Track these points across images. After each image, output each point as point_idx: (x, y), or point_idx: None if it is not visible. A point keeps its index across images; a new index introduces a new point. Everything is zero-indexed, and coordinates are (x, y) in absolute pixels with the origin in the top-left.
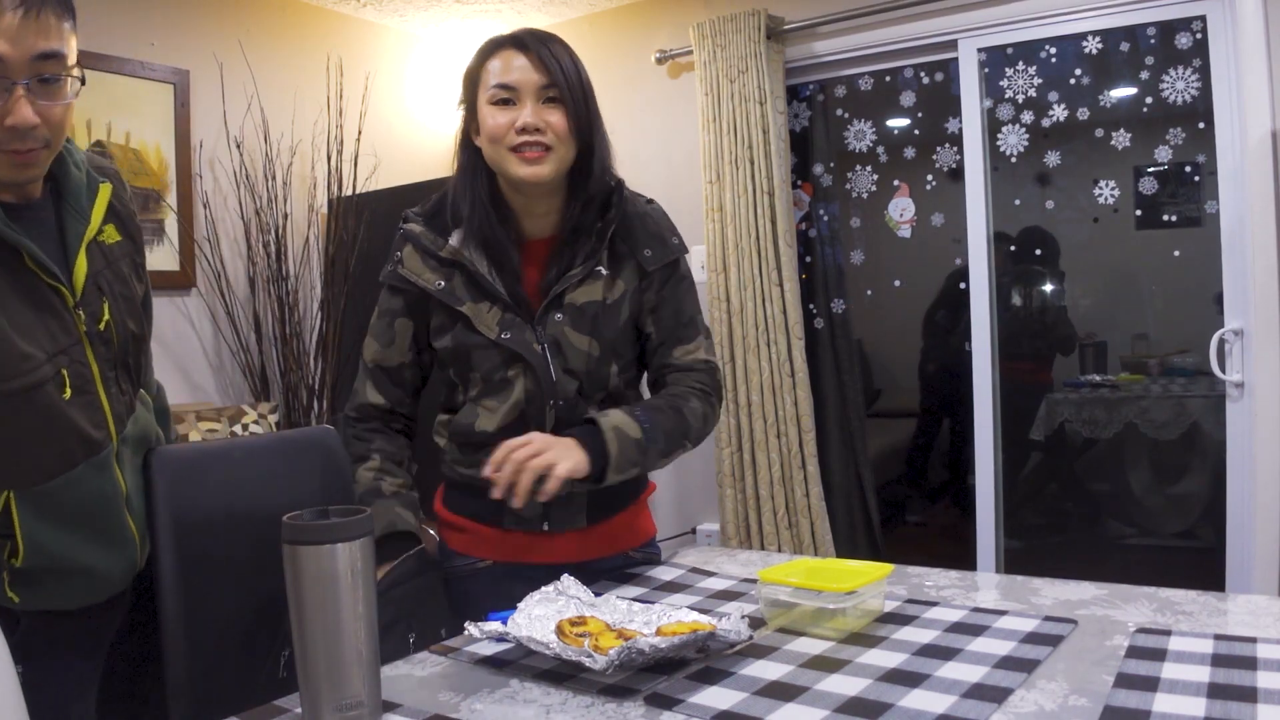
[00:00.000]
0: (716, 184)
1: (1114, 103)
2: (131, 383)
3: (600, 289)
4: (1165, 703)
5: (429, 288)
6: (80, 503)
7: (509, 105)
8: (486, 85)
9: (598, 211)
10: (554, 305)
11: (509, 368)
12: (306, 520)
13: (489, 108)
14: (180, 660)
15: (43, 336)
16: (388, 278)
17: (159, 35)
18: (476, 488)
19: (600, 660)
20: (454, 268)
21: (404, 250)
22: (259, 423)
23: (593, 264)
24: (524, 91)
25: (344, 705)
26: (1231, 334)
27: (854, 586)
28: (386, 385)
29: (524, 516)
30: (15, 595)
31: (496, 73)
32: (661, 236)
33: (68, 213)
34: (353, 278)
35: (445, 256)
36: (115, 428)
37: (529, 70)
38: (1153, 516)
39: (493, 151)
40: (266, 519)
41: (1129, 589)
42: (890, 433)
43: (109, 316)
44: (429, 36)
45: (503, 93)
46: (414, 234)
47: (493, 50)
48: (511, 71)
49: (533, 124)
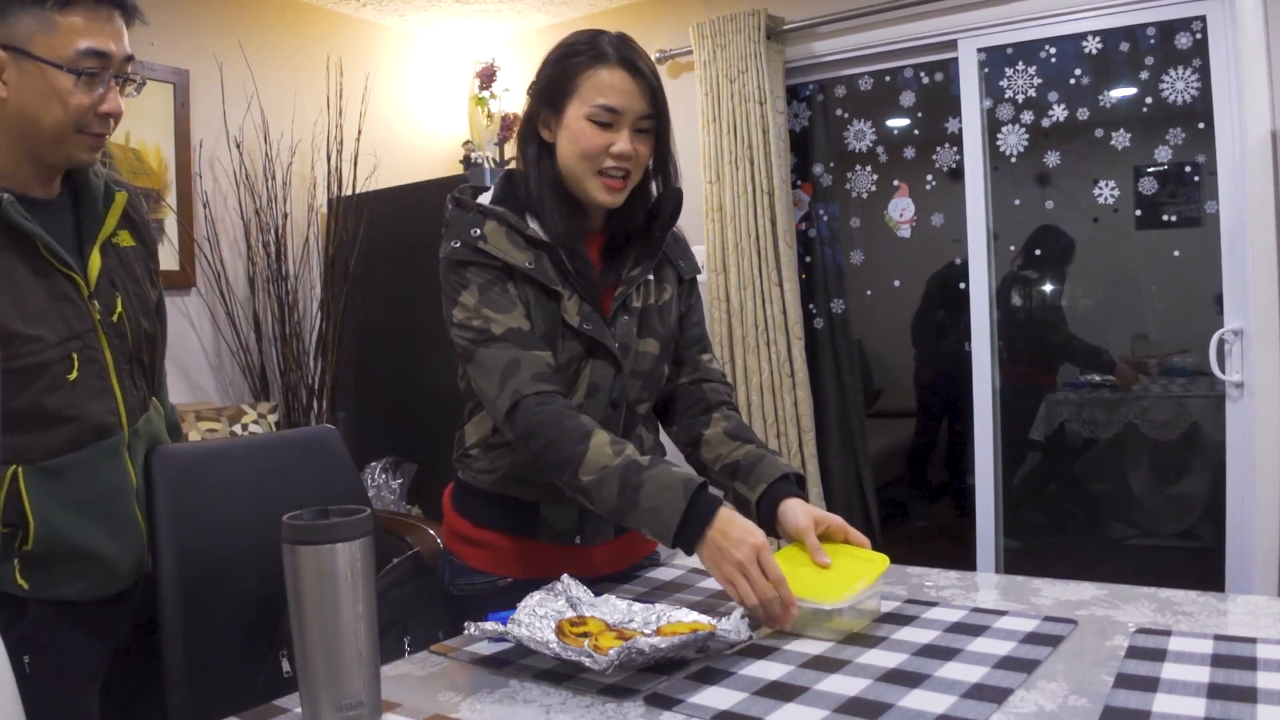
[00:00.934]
0: (716, 184)
1: (1114, 103)
2: (146, 380)
3: (655, 292)
4: (1165, 703)
5: (519, 265)
6: (89, 485)
7: (607, 128)
8: (587, 98)
9: (649, 214)
10: (622, 309)
11: (584, 360)
12: (306, 520)
13: (586, 123)
14: (180, 660)
15: (56, 322)
16: (459, 254)
17: (159, 35)
18: (507, 497)
19: (600, 660)
20: (541, 249)
21: (485, 226)
22: (259, 423)
23: (650, 265)
24: (625, 117)
25: (344, 705)
26: (1231, 334)
27: (849, 592)
28: (535, 343)
29: (558, 529)
30: (24, 582)
31: (602, 90)
32: (687, 251)
33: (84, 213)
34: (353, 277)
35: (531, 236)
36: (127, 418)
37: (635, 97)
38: (1153, 516)
39: (577, 166)
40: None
41: (1129, 589)
42: (890, 433)
43: (122, 310)
44: (429, 36)
45: (606, 114)
46: (497, 211)
47: (598, 60)
48: (619, 95)
49: (628, 152)
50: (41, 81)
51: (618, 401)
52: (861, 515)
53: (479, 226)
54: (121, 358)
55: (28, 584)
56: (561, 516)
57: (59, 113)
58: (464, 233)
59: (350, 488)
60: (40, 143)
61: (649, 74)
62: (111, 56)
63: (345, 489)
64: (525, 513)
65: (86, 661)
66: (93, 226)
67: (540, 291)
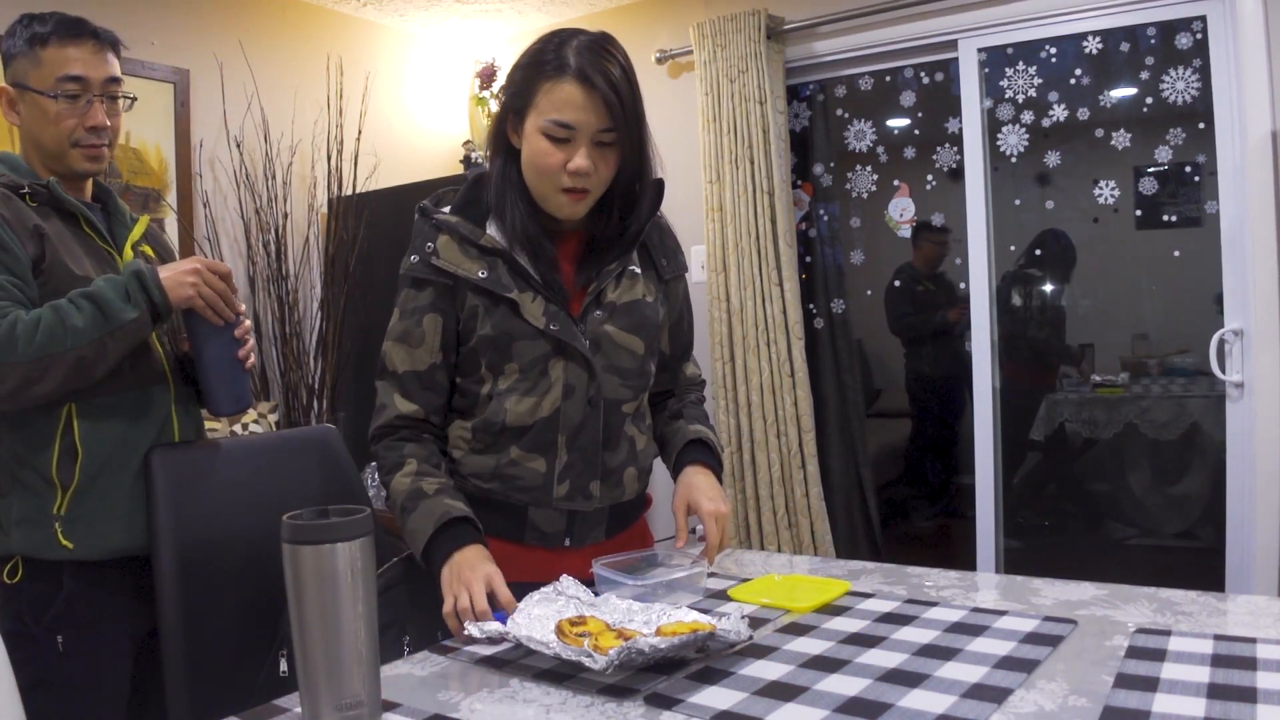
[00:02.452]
0: (716, 184)
1: (1114, 103)
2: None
3: (640, 288)
4: (1165, 703)
5: (471, 276)
6: (136, 428)
7: (564, 143)
8: (543, 111)
9: (627, 209)
10: (595, 303)
11: (550, 360)
12: (306, 520)
13: (541, 138)
14: (180, 660)
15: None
16: (414, 270)
17: (159, 35)
18: (494, 501)
19: (600, 660)
20: (496, 256)
21: (438, 240)
22: (259, 422)
23: (626, 261)
24: (581, 132)
25: (344, 705)
26: (1231, 334)
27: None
28: (416, 390)
29: (546, 532)
30: (68, 542)
31: (556, 105)
32: (675, 250)
33: (115, 221)
34: (353, 277)
35: (486, 245)
36: (172, 374)
37: (591, 112)
38: (1153, 517)
39: (537, 182)
40: (266, 518)
41: (1129, 589)
42: (890, 433)
43: None
44: (429, 36)
45: (561, 131)
46: (450, 223)
47: (554, 74)
48: (573, 110)
49: (585, 169)
50: (37, 108)
51: (595, 400)
52: (862, 515)
53: (433, 240)
54: (161, 329)
55: (71, 543)
56: (549, 520)
57: (53, 132)
58: (420, 247)
59: (350, 488)
60: (48, 158)
61: (606, 87)
62: (88, 80)
63: (345, 489)
64: (512, 517)
65: (117, 640)
66: (123, 231)
67: (490, 299)
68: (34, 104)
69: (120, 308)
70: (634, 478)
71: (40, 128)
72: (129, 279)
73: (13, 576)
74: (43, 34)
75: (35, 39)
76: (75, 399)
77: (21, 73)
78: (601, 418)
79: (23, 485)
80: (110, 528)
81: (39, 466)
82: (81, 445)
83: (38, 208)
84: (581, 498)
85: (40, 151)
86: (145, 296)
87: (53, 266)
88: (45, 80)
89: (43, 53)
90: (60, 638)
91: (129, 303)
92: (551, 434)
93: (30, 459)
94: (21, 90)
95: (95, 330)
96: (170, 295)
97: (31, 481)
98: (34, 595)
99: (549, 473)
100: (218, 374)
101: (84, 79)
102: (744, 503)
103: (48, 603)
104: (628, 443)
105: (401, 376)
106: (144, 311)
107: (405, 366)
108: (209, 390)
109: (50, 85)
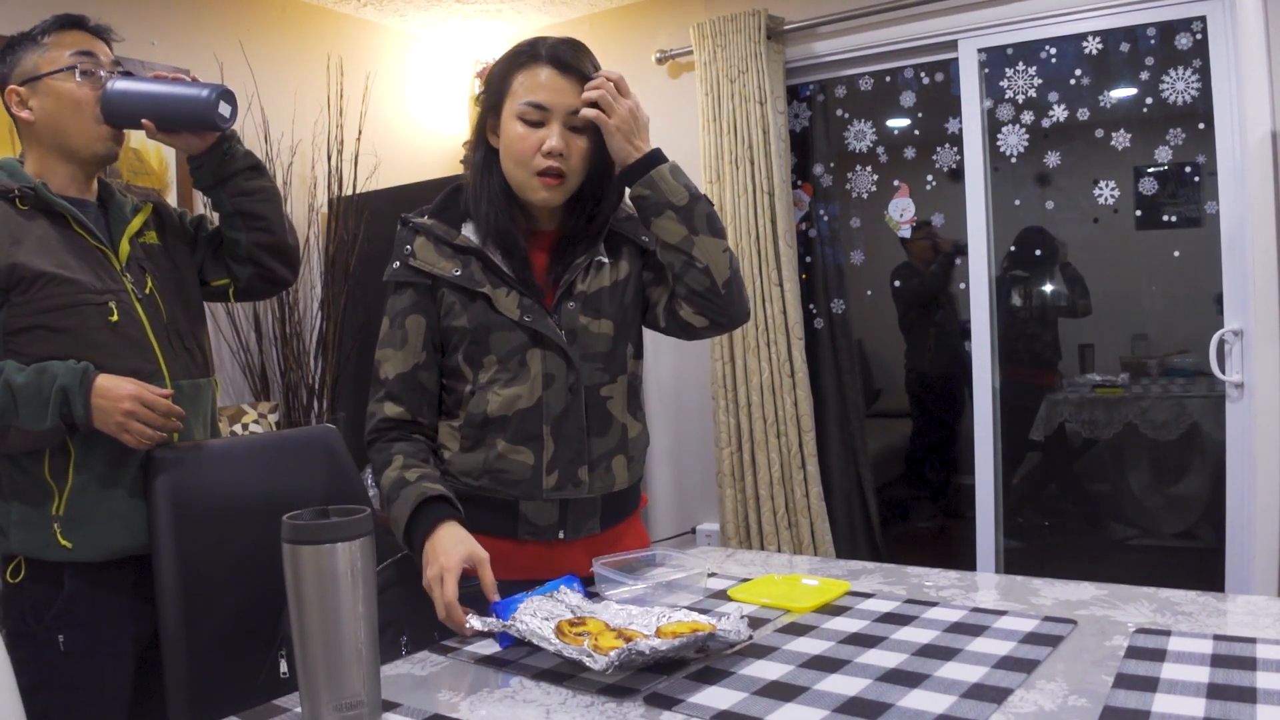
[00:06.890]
0: (717, 184)
1: (1114, 103)
2: (188, 352)
3: (607, 275)
4: (1164, 703)
5: (445, 275)
6: None
7: (537, 126)
8: (517, 97)
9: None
10: (566, 295)
11: (528, 350)
12: (306, 520)
13: (517, 123)
14: (180, 659)
15: (92, 278)
16: (394, 274)
17: (159, 35)
18: (485, 498)
19: (600, 660)
20: (469, 255)
21: (414, 243)
22: (259, 422)
23: (594, 254)
24: (555, 113)
25: (344, 705)
26: (1231, 334)
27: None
28: (403, 392)
29: (539, 525)
30: (67, 542)
31: (530, 87)
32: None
33: (112, 217)
34: (353, 277)
35: (460, 245)
36: (169, 372)
37: (563, 93)
38: (1152, 517)
39: (514, 170)
40: (266, 519)
41: (1129, 589)
42: (890, 433)
43: (154, 287)
44: (429, 36)
45: (534, 112)
46: (425, 226)
47: (528, 61)
48: (546, 91)
49: (558, 148)
50: (55, 92)
51: (575, 388)
52: (861, 515)
53: (410, 244)
54: (158, 325)
55: (70, 544)
56: (541, 512)
57: (75, 111)
58: (400, 251)
59: (350, 488)
60: (71, 142)
61: (575, 66)
62: (98, 55)
63: (345, 489)
64: (504, 512)
65: (118, 640)
66: (120, 225)
67: (466, 295)
68: (51, 89)
69: (35, 412)
70: (624, 465)
71: (61, 111)
72: (56, 392)
73: (15, 576)
74: (39, 29)
75: (30, 38)
76: None
77: (30, 67)
78: (584, 404)
79: (20, 487)
80: (110, 528)
81: (33, 468)
82: (73, 446)
83: (27, 210)
84: (571, 485)
85: (60, 141)
86: (66, 410)
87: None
88: (58, 60)
89: (46, 40)
90: (61, 638)
91: (45, 409)
92: (536, 424)
93: (24, 460)
94: (34, 83)
95: (1, 416)
96: (95, 421)
97: (28, 483)
98: (35, 595)
99: (537, 464)
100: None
101: (95, 55)
102: (744, 503)
103: (49, 603)
104: (618, 429)
105: (389, 381)
106: (57, 426)
107: (392, 371)
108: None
109: (65, 61)
